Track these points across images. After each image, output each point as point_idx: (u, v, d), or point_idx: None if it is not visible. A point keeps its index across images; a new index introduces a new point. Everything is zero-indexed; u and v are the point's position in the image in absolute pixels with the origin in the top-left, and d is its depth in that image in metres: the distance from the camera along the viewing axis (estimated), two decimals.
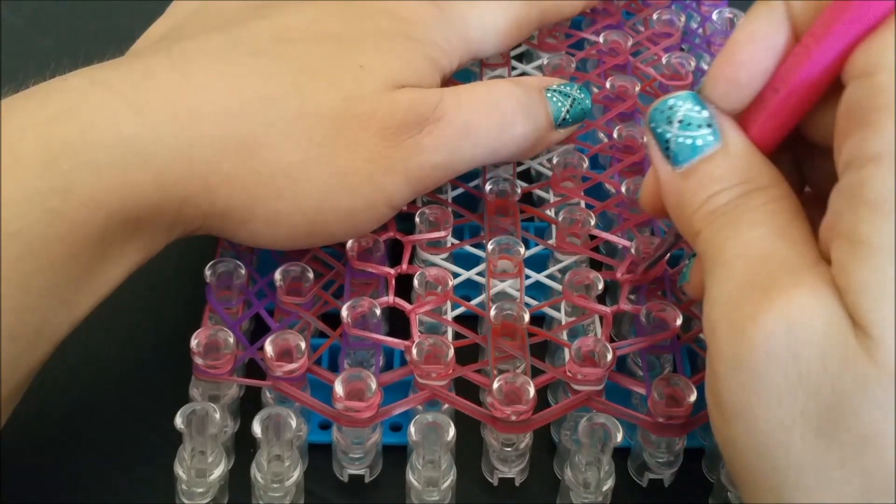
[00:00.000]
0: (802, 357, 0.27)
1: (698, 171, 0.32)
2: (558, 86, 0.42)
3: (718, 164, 0.31)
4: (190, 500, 0.35)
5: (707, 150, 0.31)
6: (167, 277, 0.42)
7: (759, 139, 0.32)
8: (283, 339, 0.36)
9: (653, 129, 0.33)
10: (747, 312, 0.28)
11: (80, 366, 0.40)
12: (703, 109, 0.32)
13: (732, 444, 0.29)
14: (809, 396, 0.27)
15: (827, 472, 0.27)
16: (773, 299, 0.28)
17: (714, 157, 0.31)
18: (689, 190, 0.32)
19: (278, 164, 0.36)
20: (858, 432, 0.27)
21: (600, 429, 0.34)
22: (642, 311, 0.38)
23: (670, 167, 0.32)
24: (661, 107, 0.32)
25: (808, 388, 0.27)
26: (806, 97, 0.30)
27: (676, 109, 0.32)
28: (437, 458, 0.35)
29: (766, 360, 0.27)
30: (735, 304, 0.29)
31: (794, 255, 0.29)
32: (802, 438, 0.27)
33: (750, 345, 0.28)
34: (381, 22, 0.39)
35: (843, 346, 0.27)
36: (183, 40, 0.38)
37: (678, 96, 0.32)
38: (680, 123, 0.32)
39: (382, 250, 0.40)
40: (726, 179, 0.31)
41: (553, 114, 0.41)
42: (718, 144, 0.31)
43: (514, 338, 0.38)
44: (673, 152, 0.32)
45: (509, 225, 0.42)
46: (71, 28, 0.55)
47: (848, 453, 0.27)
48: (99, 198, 0.33)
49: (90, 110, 0.33)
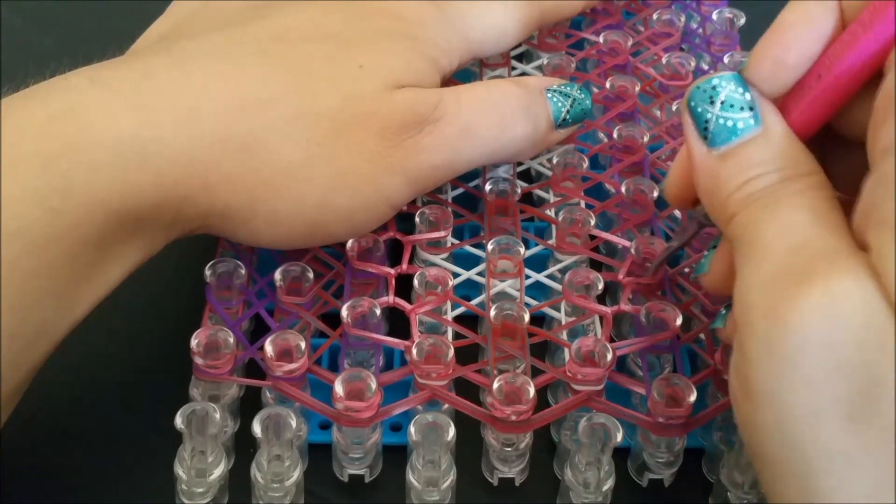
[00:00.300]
0: (840, 343, 0.27)
1: (737, 154, 0.31)
2: (559, 86, 0.42)
3: (758, 148, 0.31)
4: (190, 500, 0.35)
5: (748, 133, 0.31)
6: (167, 277, 0.42)
7: (798, 126, 0.31)
8: (283, 339, 0.36)
9: (692, 109, 0.32)
10: (785, 297, 0.28)
11: (80, 366, 0.40)
12: (745, 91, 0.31)
13: (757, 429, 0.29)
14: (843, 382, 0.27)
15: (855, 457, 0.27)
16: (813, 284, 0.27)
17: (754, 140, 0.31)
18: (726, 173, 0.31)
19: (278, 164, 0.36)
20: (890, 417, 0.26)
21: (600, 429, 0.34)
22: (642, 311, 0.38)
23: (706, 148, 0.32)
24: (703, 86, 0.32)
25: (843, 373, 0.27)
26: (849, 86, 0.30)
27: (719, 90, 0.31)
28: (437, 458, 0.35)
29: (803, 346, 0.27)
30: (772, 288, 0.28)
31: (833, 241, 0.28)
32: (832, 424, 0.27)
33: (787, 330, 0.27)
34: (380, 21, 0.39)
35: (882, 331, 0.26)
36: (183, 40, 0.38)
37: (722, 76, 0.32)
38: (722, 104, 0.31)
39: (382, 250, 0.40)
40: (766, 164, 0.30)
41: (553, 114, 0.41)
42: (759, 128, 0.31)
43: (514, 338, 0.38)
44: (712, 133, 0.31)
45: (509, 225, 0.42)
46: (71, 28, 0.55)
47: (878, 439, 0.27)
48: (98, 197, 0.33)
49: (90, 110, 0.33)
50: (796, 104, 0.31)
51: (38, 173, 0.32)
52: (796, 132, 0.31)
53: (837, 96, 0.31)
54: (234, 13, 0.39)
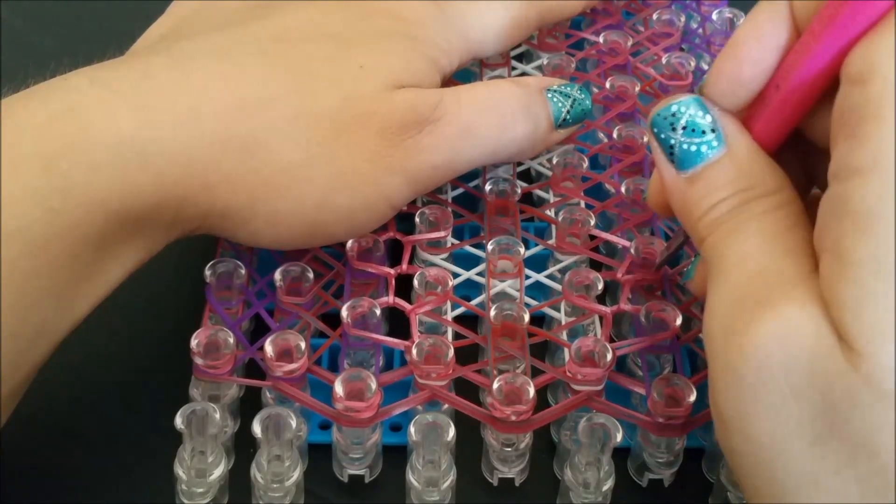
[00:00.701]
0: (793, 370, 0.27)
1: (702, 177, 0.31)
2: (559, 86, 0.42)
3: (722, 169, 0.31)
4: (190, 500, 0.35)
5: (711, 155, 0.31)
6: (167, 277, 0.42)
7: (763, 138, 0.32)
8: (283, 339, 0.36)
9: (656, 135, 0.32)
10: (740, 325, 0.28)
11: (80, 366, 0.40)
12: (706, 114, 0.32)
13: (732, 452, 0.29)
14: (802, 408, 0.27)
15: (823, 479, 0.27)
16: (764, 313, 0.28)
17: (718, 162, 0.31)
18: (694, 196, 0.32)
19: (278, 164, 0.36)
20: (851, 441, 0.27)
21: (600, 429, 0.34)
22: (642, 312, 0.38)
23: (675, 171, 0.32)
24: (663, 113, 0.32)
25: (800, 400, 0.27)
26: (807, 95, 0.30)
27: (679, 116, 0.32)
28: (437, 458, 0.35)
29: (759, 373, 0.28)
30: (729, 317, 0.29)
31: (788, 267, 0.29)
32: (798, 448, 0.27)
33: (743, 357, 0.28)
34: (380, 21, 0.39)
35: (830, 360, 0.27)
36: (183, 40, 0.38)
37: (681, 102, 0.32)
38: (684, 130, 0.32)
39: (382, 250, 0.40)
40: (730, 186, 0.31)
41: (553, 114, 0.41)
42: (723, 150, 0.31)
43: (514, 338, 0.38)
44: (678, 158, 0.32)
45: (509, 225, 0.42)
46: (71, 28, 0.55)
47: (842, 461, 0.27)
48: (98, 197, 0.33)
49: (90, 110, 0.33)
50: (759, 116, 0.31)
51: (38, 173, 0.32)
52: (762, 144, 0.32)
53: (797, 106, 0.31)
54: (233, 13, 0.39)
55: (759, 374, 0.28)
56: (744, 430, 0.28)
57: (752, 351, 0.28)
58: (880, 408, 0.26)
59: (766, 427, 0.28)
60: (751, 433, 0.28)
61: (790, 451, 0.28)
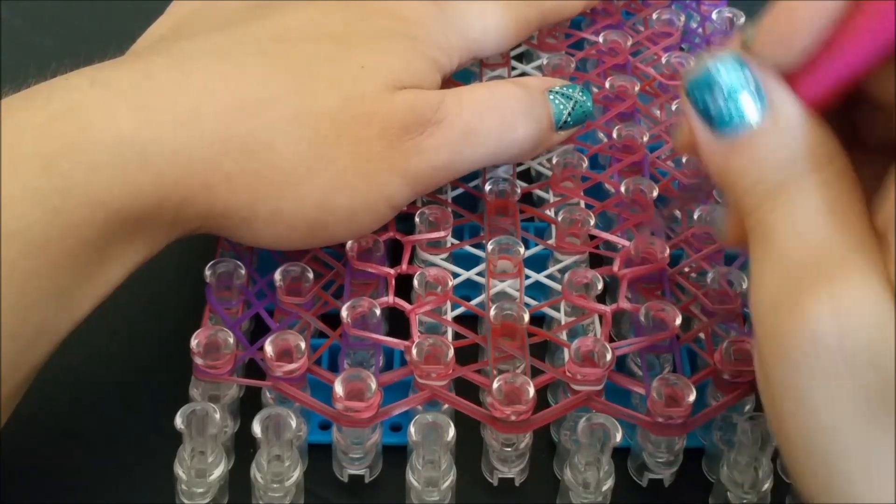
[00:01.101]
0: (849, 347, 0.26)
1: (746, 147, 0.29)
2: (560, 87, 0.42)
3: (767, 139, 0.29)
4: (190, 500, 0.35)
5: (754, 122, 0.29)
6: (167, 277, 0.42)
7: (811, 98, 0.29)
8: (283, 339, 0.36)
9: (692, 99, 0.30)
10: (793, 301, 0.27)
11: (80, 366, 0.40)
12: (749, 75, 0.29)
13: (782, 424, 0.29)
14: (857, 382, 0.27)
15: (876, 457, 0.27)
16: (821, 288, 0.27)
17: (762, 131, 0.29)
18: (738, 166, 0.29)
19: (279, 164, 0.36)
20: None
21: (600, 429, 0.34)
22: (642, 311, 0.38)
23: (713, 138, 0.30)
24: (700, 75, 0.29)
25: (856, 374, 0.27)
26: (874, 55, 0.28)
27: (718, 77, 0.29)
28: (437, 458, 0.35)
29: (813, 350, 0.27)
30: (782, 292, 0.28)
31: (845, 241, 0.28)
32: (852, 423, 0.27)
33: (797, 334, 0.27)
34: (381, 21, 0.39)
35: (891, 334, 0.26)
36: (183, 40, 0.38)
37: (721, 60, 0.29)
38: (723, 92, 0.29)
39: (382, 250, 0.40)
40: (777, 157, 0.29)
41: (555, 116, 0.41)
42: (767, 116, 0.29)
43: (513, 338, 0.38)
44: (717, 123, 0.29)
45: (509, 225, 0.42)
46: (71, 28, 0.55)
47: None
48: (99, 198, 0.33)
49: (90, 110, 0.33)
50: (810, 75, 0.28)
51: (38, 173, 0.32)
52: (812, 105, 0.29)
53: (861, 66, 0.28)
54: (233, 13, 0.39)
55: (814, 351, 0.27)
56: (796, 409, 0.28)
57: (808, 327, 0.27)
58: None
59: (819, 405, 0.27)
60: (803, 412, 0.27)
61: (842, 426, 0.27)
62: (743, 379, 0.36)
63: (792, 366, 0.27)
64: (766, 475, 0.35)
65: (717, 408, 0.37)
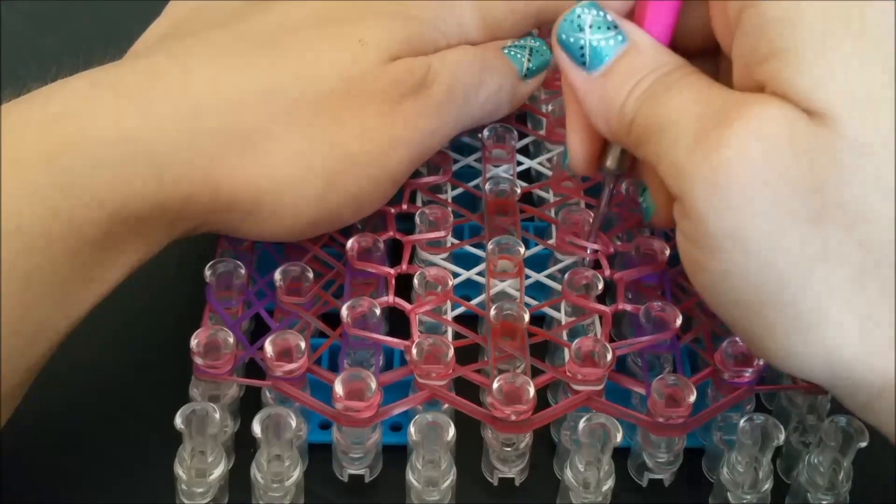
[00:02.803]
0: (776, 159, 0.29)
1: (616, 68, 0.33)
2: (513, 41, 0.43)
3: (633, 57, 0.33)
4: (190, 500, 0.35)
5: (620, 48, 0.33)
6: (167, 277, 0.42)
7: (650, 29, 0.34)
8: (283, 339, 0.36)
9: (564, 42, 0.34)
10: (712, 141, 0.30)
11: (80, 365, 0.40)
12: (606, 14, 0.34)
13: (725, 277, 0.30)
14: (793, 191, 0.29)
15: (828, 256, 0.29)
16: (732, 120, 0.29)
17: (627, 53, 0.33)
18: (612, 87, 0.33)
19: (282, 155, 0.36)
20: (845, 208, 0.28)
21: (600, 429, 0.34)
22: (642, 311, 0.38)
23: (587, 73, 0.34)
24: (569, 17, 0.34)
25: (789, 185, 0.29)
26: None
27: (584, 17, 0.34)
28: (437, 458, 0.35)
29: (745, 172, 0.29)
30: (697, 141, 0.30)
31: (731, 94, 0.31)
32: (798, 233, 0.29)
33: (725, 164, 0.29)
34: (377, 4, 0.40)
35: (807, 135, 0.29)
36: (182, 38, 0.38)
37: (583, 5, 0.34)
38: (591, 28, 0.34)
39: (382, 250, 0.40)
40: (644, 68, 0.33)
41: (516, 66, 0.43)
42: (628, 42, 0.33)
43: (514, 338, 0.38)
44: (589, 57, 0.34)
45: (509, 225, 0.42)
46: (71, 28, 0.55)
47: (842, 231, 0.29)
48: (101, 196, 0.33)
49: (92, 108, 0.34)
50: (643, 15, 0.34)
51: (39, 170, 0.32)
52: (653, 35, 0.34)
53: None
54: (232, 11, 0.39)
55: (746, 171, 0.29)
56: (738, 237, 0.29)
57: (733, 153, 0.29)
58: (863, 163, 0.28)
59: (761, 222, 0.29)
60: (746, 235, 0.29)
61: (791, 239, 0.29)
62: (743, 379, 0.36)
63: (729, 199, 0.29)
64: (766, 475, 0.35)
65: (717, 408, 0.37)
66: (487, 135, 0.45)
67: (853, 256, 0.29)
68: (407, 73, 0.38)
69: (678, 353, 0.38)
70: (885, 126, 0.29)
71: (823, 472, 0.35)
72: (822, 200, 0.29)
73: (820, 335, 0.30)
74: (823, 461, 0.35)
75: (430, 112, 0.39)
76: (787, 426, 0.37)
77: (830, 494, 0.35)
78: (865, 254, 0.29)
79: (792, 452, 0.37)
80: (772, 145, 0.29)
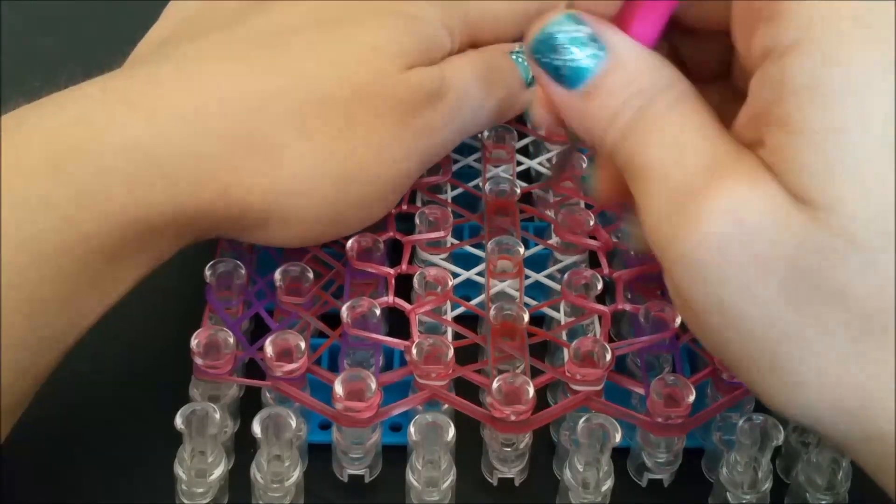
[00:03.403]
0: (753, 241, 0.27)
1: (597, 89, 0.31)
2: (520, 47, 0.43)
3: (614, 77, 0.30)
4: (190, 500, 0.35)
5: (599, 66, 0.31)
6: (167, 277, 0.42)
7: (640, 36, 0.31)
8: (283, 339, 0.36)
9: (539, 62, 0.31)
10: (687, 215, 0.28)
11: (80, 366, 0.39)
12: (582, 26, 0.31)
13: (710, 335, 0.29)
14: (771, 274, 0.27)
15: (812, 332, 0.27)
16: (710, 194, 0.28)
17: (607, 71, 0.31)
18: (594, 110, 0.31)
19: (295, 162, 0.36)
20: (830, 292, 0.27)
21: (599, 429, 0.34)
22: (641, 311, 0.38)
23: (567, 93, 0.31)
24: (541, 37, 0.31)
25: (767, 267, 0.27)
26: None
27: (557, 34, 0.31)
28: (437, 458, 0.35)
29: (720, 253, 0.28)
30: (673, 210, 0.29)
31: (716, 148, 0.29)
32: (777, 311, 0.28)
33: (700, 243, 0.28)
34: (383, 4, 0.40)
35: (792, 221, 0.27)
36: (185, 43, 0.38)
37: (554, 21, 0.31)
38: (566, 48, 0.31)
39: (382, 250, 0.40)
40: (627, 88, 0.30)
41: (522, 74, 0.42)
42: (608, 57, 0.31)
43: (513, 338, 0.38)
44: (567, 78, 0.31)
45: (509, 225, 0.42)
46: (71, 28, 0.55)
47: (826, 311, 0.27)
48: (110, 207, 0.33)
49: (99, 117, 0.33)
50: (632, 15, 0.31)
51: (49, 181, 0.32)
52: (642, 42, 0.31)
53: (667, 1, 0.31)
54: (233, 12, 0.39)
55: (721, 253, 0.28)
56: (720, 313, 0.28)
57: (708, 233, 0.28)
58: (855, 258, 0.27)
59: (739, 303, 0.28)
60: (727, 314, 0.28)
61: (774, 316, 0.28)
62: None
63: (704, 275, 0.28)
64: (766, 475, 0.35)
65: (717, 408, 0.37)
66: (487, 135, 0.45)
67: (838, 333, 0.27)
68: (421, 85, 0.38)
69: (677, 353, 0.38)
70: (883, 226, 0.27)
71: (822, 471, 0.35)
72: (803, 284, 0.27)
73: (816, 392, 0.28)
74: (822, 461, 0.35)
75: (441, 123, 0.39)
76: (787, 426, 0.37)
77: (829, 494, 0.35)
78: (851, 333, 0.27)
79: (791, 452, 0.37)
80: (751, 228, 0.27)
